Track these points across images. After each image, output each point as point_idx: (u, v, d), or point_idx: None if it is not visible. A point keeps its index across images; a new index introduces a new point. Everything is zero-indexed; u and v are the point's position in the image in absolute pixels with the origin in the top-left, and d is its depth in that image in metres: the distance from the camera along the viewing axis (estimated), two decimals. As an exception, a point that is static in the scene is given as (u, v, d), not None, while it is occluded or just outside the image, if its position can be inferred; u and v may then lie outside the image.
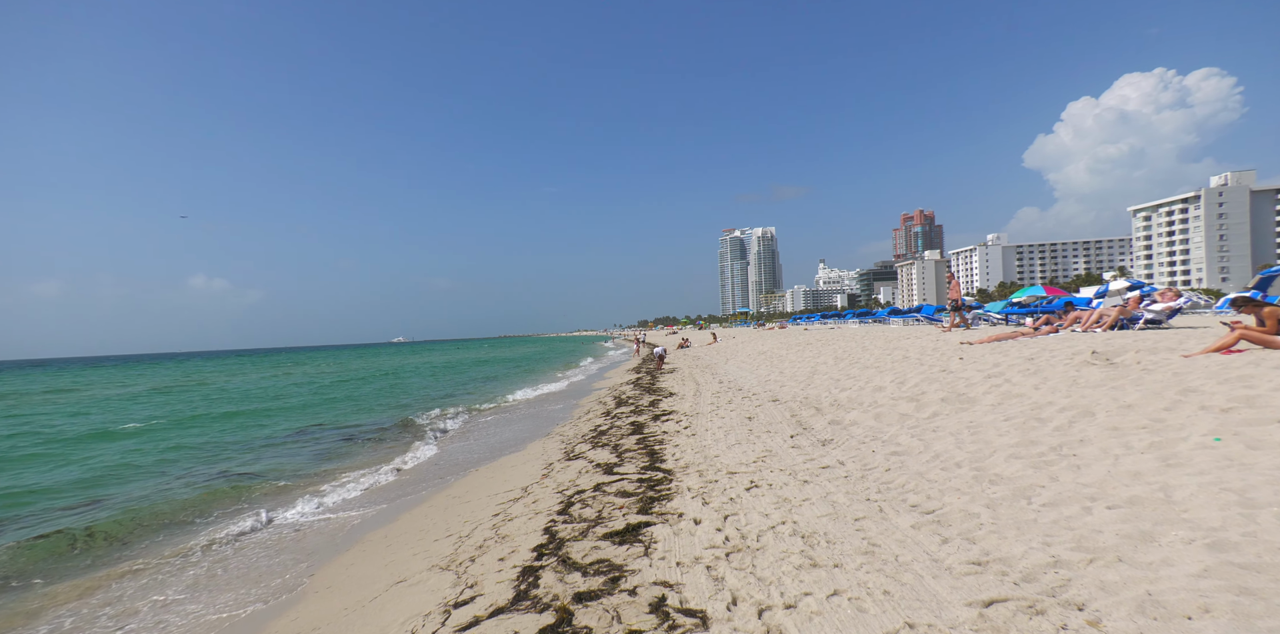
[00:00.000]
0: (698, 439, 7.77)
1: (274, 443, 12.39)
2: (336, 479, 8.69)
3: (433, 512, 6.37)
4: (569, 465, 7.32)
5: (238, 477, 9.08)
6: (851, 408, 8.03)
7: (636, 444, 7.92)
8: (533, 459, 8.52)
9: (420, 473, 8.85)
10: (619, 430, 9.27)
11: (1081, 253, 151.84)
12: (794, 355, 17.77)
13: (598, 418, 11.47)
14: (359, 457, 10.43)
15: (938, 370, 9.01)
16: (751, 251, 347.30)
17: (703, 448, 7.21)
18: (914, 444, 5.55)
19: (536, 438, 10.58)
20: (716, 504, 4.75)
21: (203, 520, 6.93)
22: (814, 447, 6.45)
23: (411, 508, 6.73)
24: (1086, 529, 3.09)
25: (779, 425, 7.97)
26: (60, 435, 14.36)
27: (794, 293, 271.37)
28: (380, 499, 7.57)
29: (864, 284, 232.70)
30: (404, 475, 8.78)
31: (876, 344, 15.79)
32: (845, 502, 4.34)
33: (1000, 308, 21.79)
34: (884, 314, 34.41)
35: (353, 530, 6.34)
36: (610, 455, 7.47)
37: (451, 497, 6.96)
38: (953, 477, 4.39)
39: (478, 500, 6.48)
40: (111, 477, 9.40)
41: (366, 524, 6.46)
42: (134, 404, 23.34)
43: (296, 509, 7.23)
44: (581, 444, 8.79)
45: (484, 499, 6.44)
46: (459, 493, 7.08)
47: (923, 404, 7.13)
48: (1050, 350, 8.29)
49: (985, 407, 6.37)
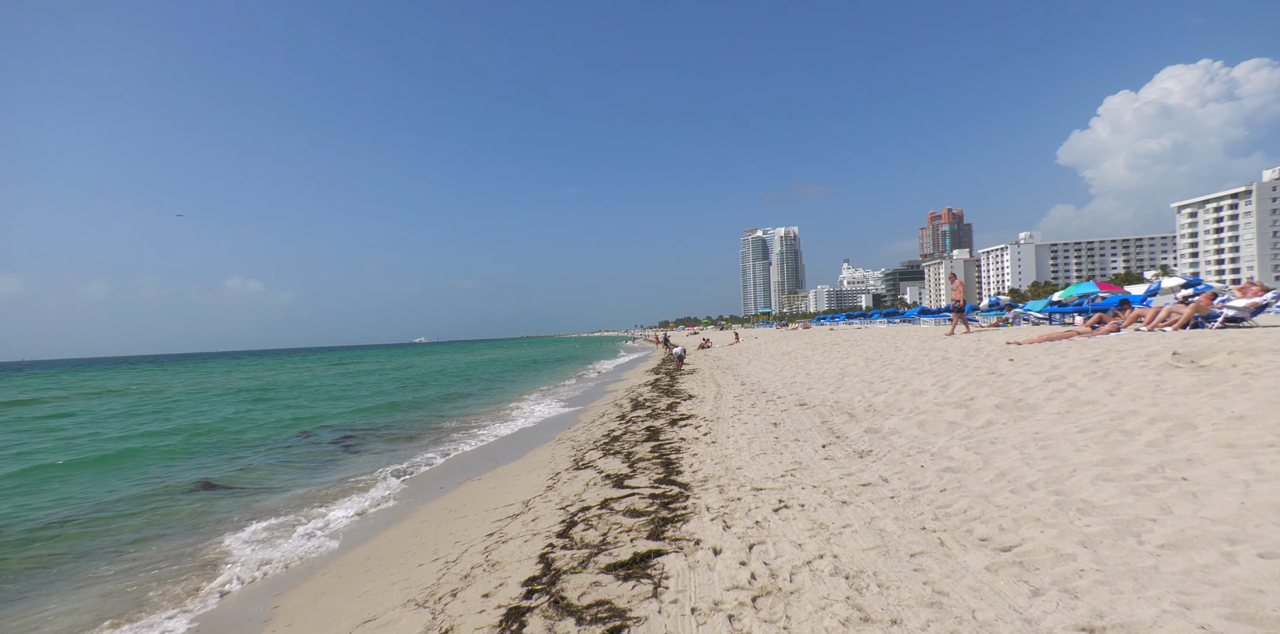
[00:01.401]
0: (718, 448, 7.08)
1: (278, 445, 12.06)
2: (337, 486, 8.24)
3: (424, 528, 5.80)
4: (576, 476, 6.70)
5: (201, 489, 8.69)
6: (890, 414, 7.24)
7: (651, 452, 7.26)
8: (539, 467, 7.92)
9: (421, 481, 8.32)
10: (633, 436, 8.62)
11: (1120, 251, 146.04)
12: (820, 356, 16.90)
13: (612, 422, 10.84)
14: (361, 461, 9.98)
15: (985, 373, 8.15)
16: (774, 251, 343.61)
17: (724, 458, 6.52)
18: (970, 458, 4.78)
19: (546, 443, 9.99)
20: (740, 528, 4.07)
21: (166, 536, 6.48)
22: (850, 458, 5.71)
23: (402, 521, 6.18)
24: (1238, 586, 2.32)
25: (808, 433, 7.23)
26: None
27: (817, 293, 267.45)
28: (376, 510, 7.05)
29: (889, 284, 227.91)
30: (407, 483, 8.25)
31: (910, 345, 14.83)
32: (895, 530, 3.62)
33: (1042, 306, 20.53)
34: (913, 314, 33.10)
35: (343, 543, 5.82)
36: (622, 465, 6.82)
37: (447, 510, 6.38)
38: (1028, 502, 3.63)
39: (474, 515, 5.89)
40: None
41: (354, 537, 5.93)
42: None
43: (280, 519, 6.75)
44: (592, 451, 8.17)
45: (481, 514, 5.84)
46: (456, 506, 6.51)
47: (973, 411, 6.31)
48: (1117, 351, 7.37)
49: (1050, 415, 5.54)
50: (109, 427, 15.97)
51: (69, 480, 9.18)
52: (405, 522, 6.18)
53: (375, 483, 8.11)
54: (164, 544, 5.97)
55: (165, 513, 7.05)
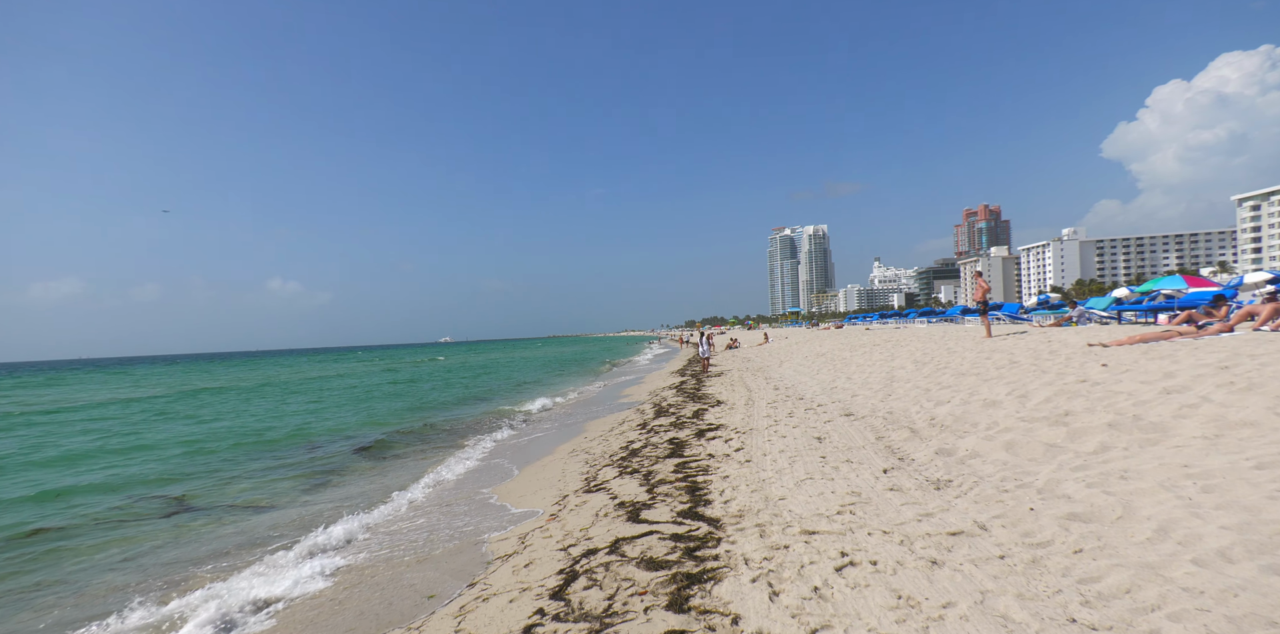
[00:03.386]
0: (753, 468, 5.97)
1: (288, 460, 11.39)
2: (322, 513, 7.39)
3: (395, 574, 4.83)
4: (585, 501, 5.68)
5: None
6: (963, 431, 6.02)
7: (674, 472, 6.20)
8: (546, 486, 6.94)
9: (413, 507, 7.37)
10: (654, 450, 7.56)
11: (1173, 247, 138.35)
12: (861, 358, 15.55)
13: (631, 431, 9.80)
14: (356, 479, 9.14)
15: (1073, 381, 6.85)
16: (802, 250, 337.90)
17: (761, 483, 5.42)
18: (1100, 501, 3.58)
19: (557, 455, 9.01)
20: (792, 599, 2.99)
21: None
22: (923, 490, 4.55)
23: (371, 564, 5.20)
24: None
25: (862, 452, 6.06)
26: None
27: (847, 292, 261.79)
28: (347, 547, 6.13)
29: (923, 283, 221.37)
30: (394, 510, 7.27)
31: (962, 346, 13.41)
32: (1028, 621, 2.48)
33: (1105, 304, 18.73)
34: (955, 313, 31.19)
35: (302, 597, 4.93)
36: (639, 489, 5.78)
37: None
38: (1235, 585, 2.45)
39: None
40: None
41: (306, 586, 5.03)
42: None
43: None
44: (607, 468, 7.14)
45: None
46: None
47: (1077, 431, 5.07)
48: (1250, 356, 6.00)
49: (1193, 440, 4.28)
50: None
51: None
52: (372, 567, 5.19)
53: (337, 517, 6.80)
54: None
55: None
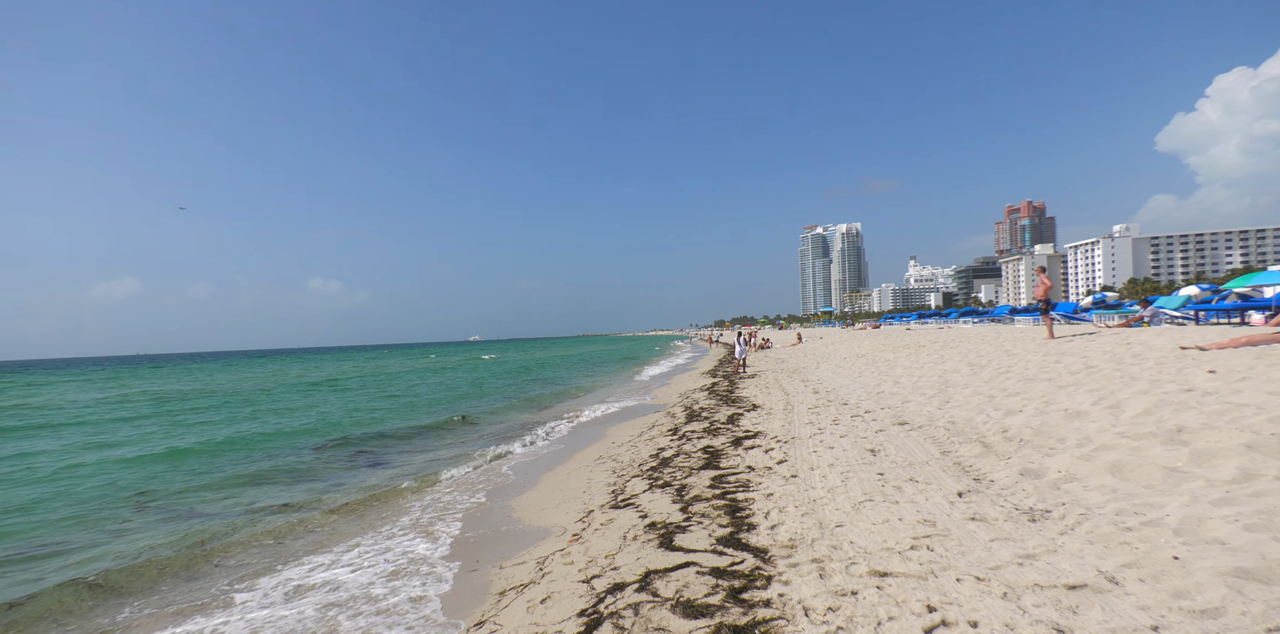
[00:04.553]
0: (800, 485, 5.28)
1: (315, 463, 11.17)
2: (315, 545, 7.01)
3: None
4: (612, 519, 5.08)
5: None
6: (1048, 447, 5.19)
7: (710, 487, 5.54)
8: (570, 498, 6.38)
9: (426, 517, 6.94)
10: (687, 460, 6.92)
11: (1236, 244, 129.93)
12: (906, 360, 14.57)
13: (661, 437, 9.17)
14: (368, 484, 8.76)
15: (1176, 389, 5.92)
16: (835, 249, 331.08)
17: (812, 503, 4.73)
18: (1271, 550, 2.79)
19: (583, 463, 8.45)
20: (874, 674, 2.31)
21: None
22: (1014, 521, 3.79)
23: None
24: None
25: (927, 469, 5.30)
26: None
27: (881, 291, 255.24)
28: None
29: (962, 282, 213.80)
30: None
31: (1022, 347, 12.34)
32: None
33: (1178, 303, 17.21)
34: (1003, 312, 29.52)
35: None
36: (672, 506, 5.15)
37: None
38: None
39: (470, 576, 4.40)
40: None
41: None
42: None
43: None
44: (636, 479, 6.53)
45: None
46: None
47: (1202, 452, 4.21)
48: None
49: (1371, 469, 3.41)
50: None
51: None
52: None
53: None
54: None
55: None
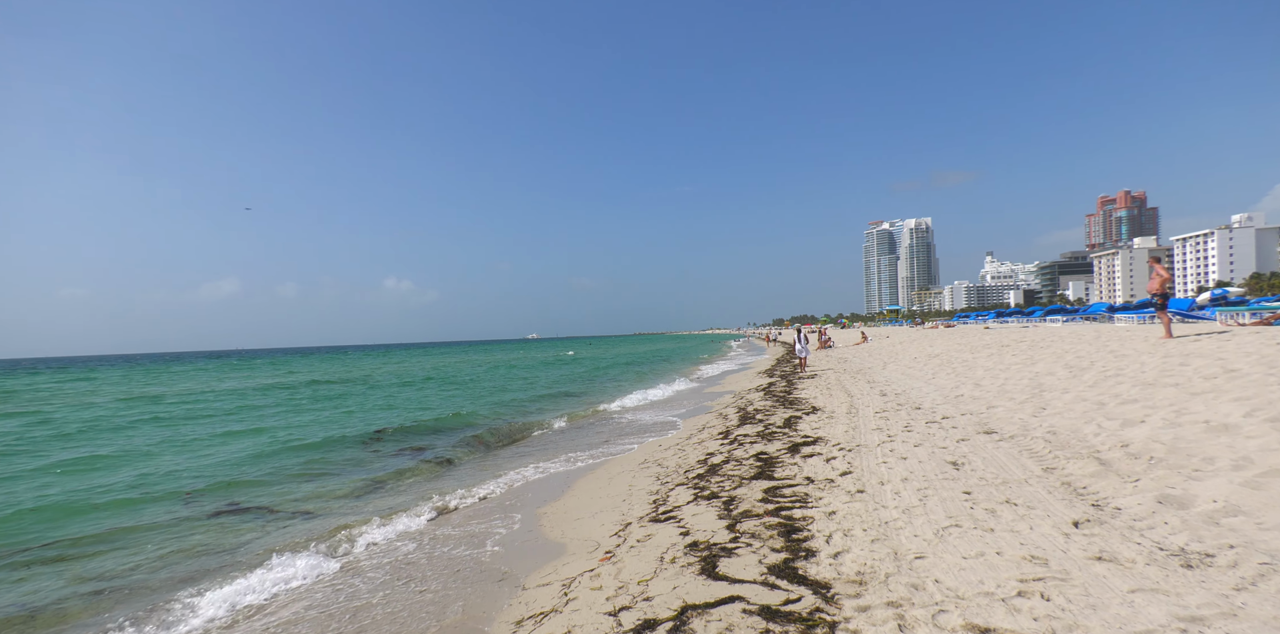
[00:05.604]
0: (868, 503, 4.53)
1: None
2: (366, 516, 6.84)
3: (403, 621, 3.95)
4: (650, 535, 4.53)
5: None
6: (1190, 468, 4.19)
7: (762, 502, 4.89)
8: (608, 507, 5.87)
9: (453, 522, 6.50)
10: (738, 468, 6.26)
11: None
12: (987, 361, 13.16)
13: (711, 440, 8.53)
14: (403, 488, 8.48)
15: (1361, 399, 4.69)
16: (902, 245, 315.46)
17: (883, 527, 3.99)
18: None
19: (626, 466, 7.93)
20: None
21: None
22: (1160, 566, 2.95)
23: (386, 604, 4.36)
24: None
25: (1025, 488, 4.41)
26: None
27: (953, 289, 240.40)
28: (373, 570, 5.43)
29: (1046, 278, 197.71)
30: (439, 523, 6.49)
31: (1134, 348, 10.78)
32: None
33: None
34: (1099, 310, 26.61)
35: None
36: (718, 522, 4.54)
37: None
38: None
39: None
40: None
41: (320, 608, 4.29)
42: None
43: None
44: (680, 488, 5.94)
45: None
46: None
47: None
48: None
49: None
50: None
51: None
52: (389, 608, 4.36)
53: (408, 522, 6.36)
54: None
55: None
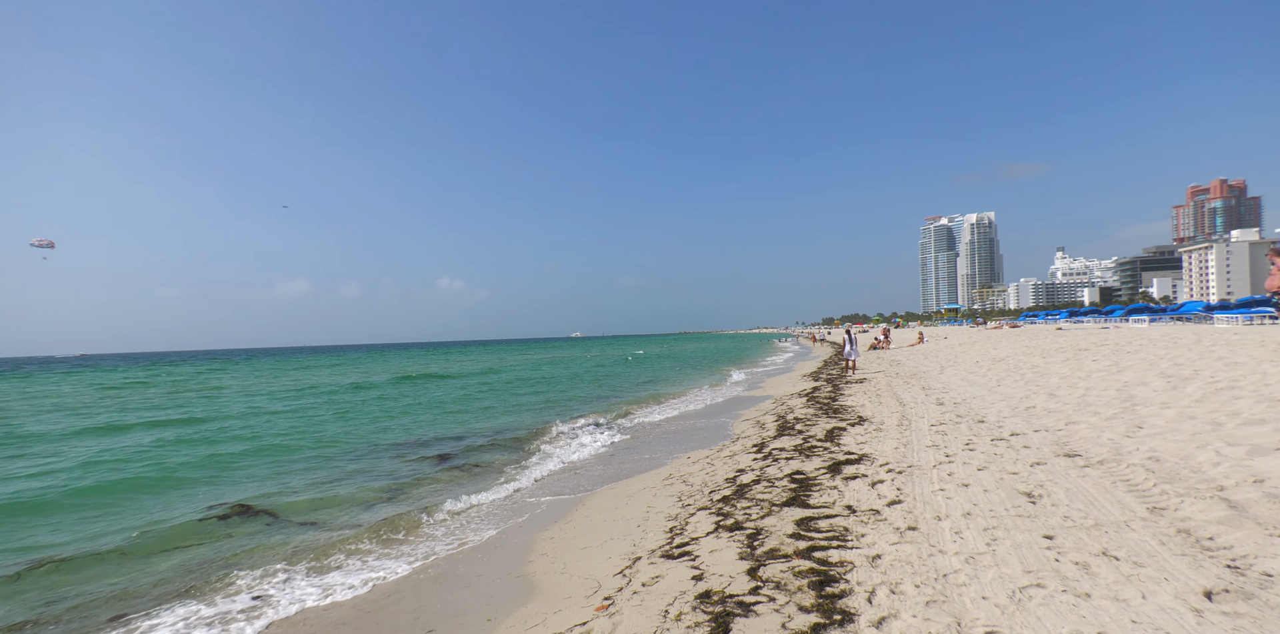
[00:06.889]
0: (922, 545, 3.73)
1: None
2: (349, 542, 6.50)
3: None
4: (658, 577, 3.89)
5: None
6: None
7: (793, 537, 4.15)
8: (619, 535, 5.25)
9: (452, 530, 6.12)
10: (769, 490, 5.52)
11: None
12: (1063, 367, 11.77)
13: (744, 454, 7.77)
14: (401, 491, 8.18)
15: None
16: (962, 241, 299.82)
17: (941, 581, 3.21)
18: None
19: (651, 482, 7.29)
20: None
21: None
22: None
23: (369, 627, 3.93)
24: None
25: (1127, 534, 3.51)
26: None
27: (1019, 287, 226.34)
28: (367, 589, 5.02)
29: (1125, 275, 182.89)
30: (436, 529, 6.15)
31: (1248, 355, 9.29)
32: None
33: None
34: (1194, 309, 23.90)
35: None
36: (738, 563, 3.85)
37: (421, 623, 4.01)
38: None
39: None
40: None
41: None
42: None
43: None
44: (702, 512, 5.27)
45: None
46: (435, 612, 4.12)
47: None
48: None
49: None
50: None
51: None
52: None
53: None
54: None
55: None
